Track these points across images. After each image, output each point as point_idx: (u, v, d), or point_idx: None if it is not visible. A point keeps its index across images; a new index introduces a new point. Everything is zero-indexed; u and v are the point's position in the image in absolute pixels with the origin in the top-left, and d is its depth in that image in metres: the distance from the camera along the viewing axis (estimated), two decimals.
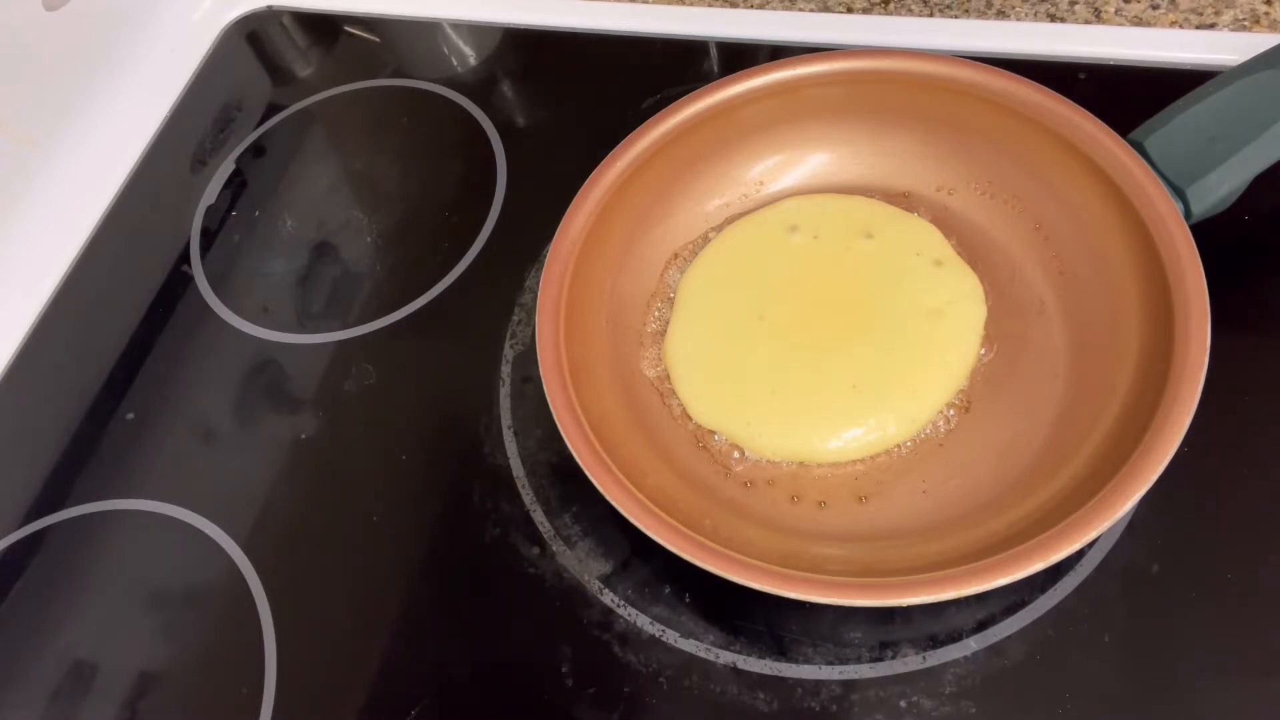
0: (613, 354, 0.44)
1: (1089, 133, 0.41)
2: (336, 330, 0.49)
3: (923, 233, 0.45)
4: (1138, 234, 0.39)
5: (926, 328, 0.42)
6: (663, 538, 0.35)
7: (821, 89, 0.46)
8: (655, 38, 0.58)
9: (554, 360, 0.39)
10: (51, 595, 0.44)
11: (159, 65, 0.62)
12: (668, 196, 0.47)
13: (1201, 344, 0.36)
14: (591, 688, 0.38)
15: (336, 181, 0.56)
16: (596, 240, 0.43)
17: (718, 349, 0.44)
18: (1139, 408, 0.36)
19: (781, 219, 0.47)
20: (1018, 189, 0.45)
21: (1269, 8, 0.51)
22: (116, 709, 0.40)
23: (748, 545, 0.36)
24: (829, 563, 0.37)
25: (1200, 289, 0.37)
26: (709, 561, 0.34)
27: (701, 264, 0.46)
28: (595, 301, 0.44)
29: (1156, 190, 0.39)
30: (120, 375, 0.50)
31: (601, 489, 0.36)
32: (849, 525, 0.40)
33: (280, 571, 0.42)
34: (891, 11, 0.56)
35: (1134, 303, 0.39)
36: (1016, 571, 0.33)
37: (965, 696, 0.36)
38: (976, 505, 0.39)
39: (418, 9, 0.62)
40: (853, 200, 0.47)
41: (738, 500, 0.41)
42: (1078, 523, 0.33)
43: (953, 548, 0.37)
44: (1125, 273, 0.40)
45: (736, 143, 0.48)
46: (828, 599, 0.33)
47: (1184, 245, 0.38)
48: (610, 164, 0.44)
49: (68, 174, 0.58)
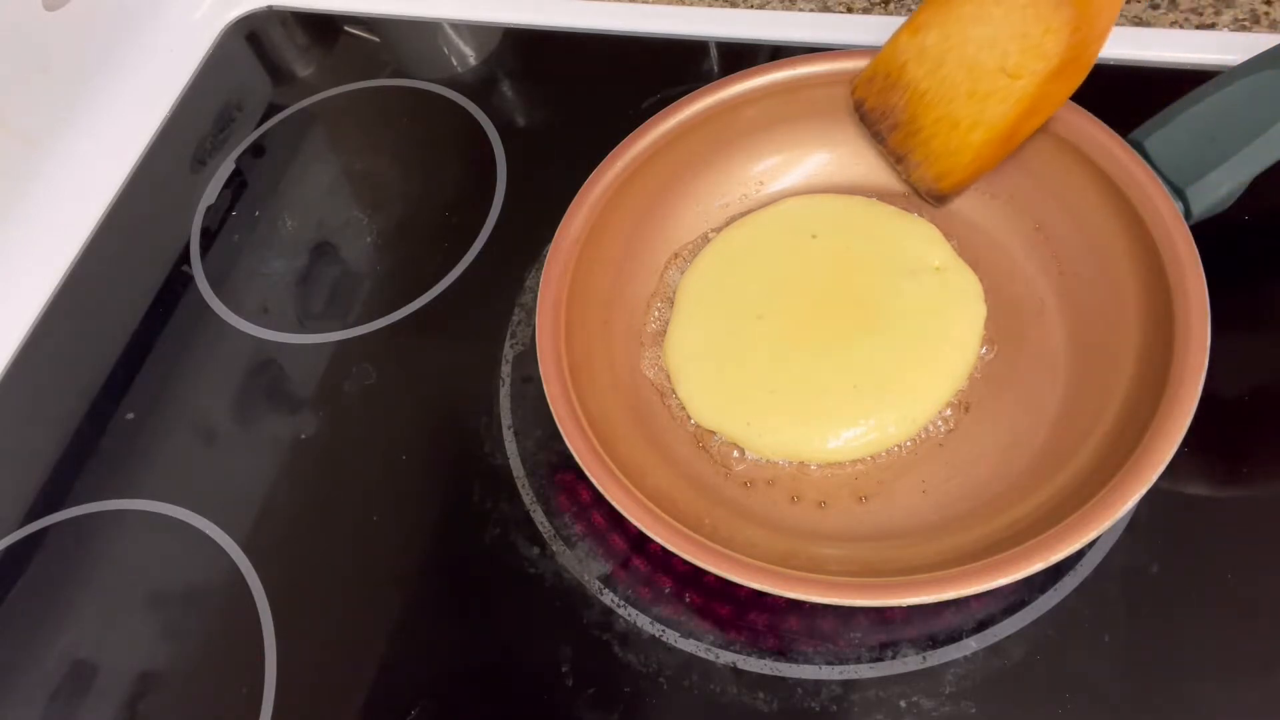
0: (612, 354, 0.44)
1: (1089, 133, 0.41)
2: (336, 330, 0.49)
3: (923, 233, 0.45)
4: (1138, 234, 0.39)
5: (926, 327, 0.42)
6: (662, 537, 0.35)
7: (822, 89, 0.46)
8: (655, 38, 0.58)
9: (554, 359, 0.40)
10: (51, 595, 0.44)
11: (159, 65, 0.62)
12: (668, 196, 0.47)
13: (1201, 344, 0.36)
14: (591, 688, 0.38)
15: (336, 181, 0.56)
16: (596, 240, 0.43)
17: (717, 349, 0.43)
18: (1139, 408, 0.36)
19: (781, 219, 0.47)
20: (1018, 189, 0.45)
21: (1269, 8, 0.51)
22: (116, 709, 0.40)
23: (748, 545, 0.36)
24: (828, 563, 0.37)
25: (1200, 289, 0.37)
26: (708, 561, 0.34)
27: (701, 264, 0.46)
28: (595, 301, 0.44)
29: (1156, 190, 0.39)
30: (120, 375, 0.50)
31: (601, 488, 0.37)
32: (849, 525, 0.40)
33: (280, 571, 0.43)
34: (891, 11, 0.56)
35: (1134, 303, 0.40)
36: (1016, 572, 0.33)
37: (965, 696, 0.36)
38: (977, 505, 0.39)
39: (418, 9, 0.62)
40: (853, 200, 0.47)
41: (738, 500, 0.41)
42: (1078, 523, 0.33)
43: (952, 547, 0.37)
44: (1125, 273, 0.40)
45: (737, 142, 0.48)
46: (827, 599, 0.33)
47: (1184, 245, 0.38)
48: (610, 164, 0.44)
49: (68, 174, 0.58)
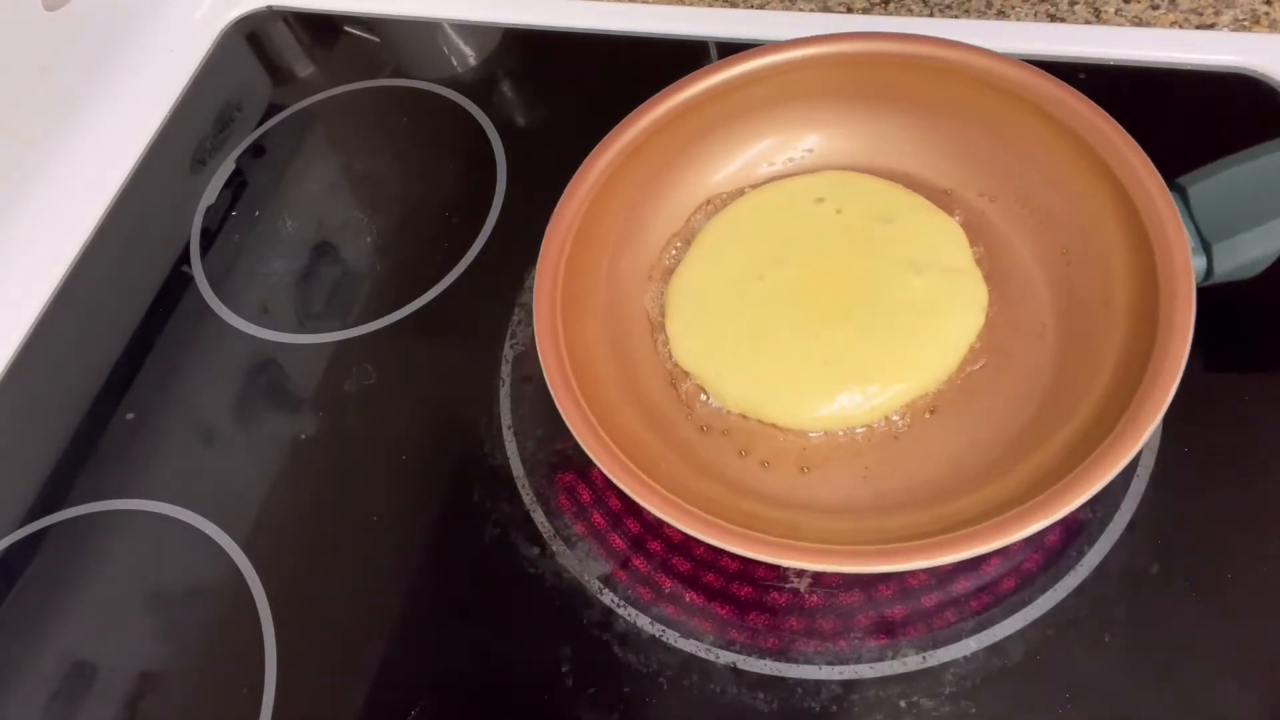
0: (614, 287, 0.46)
1: (1135, 175, 0.40)
2: (336, 330, 0.49)
3: (947, 233, 0.45)
4: (1147, 283, 0.39)
5: (916, 325, 0.43)
6: (617, 477, 0.37)
7: (891, 71, 0.47)
8: (655, 38, 0.58)
9: (549, 293, 0.41)
10: (51, 595, 0.44)
11: (159, 65, 0.62)
12: (711, 141, 0.48)
13: (1167, 386, 0.35)
14: (591, 688, 0.38)
15: (336, 181, 0.56)
16: (623, 177, 0.45)
17: (714, 296, 0.45)
18: (1097, 426, 0.36)
19: (813, 188, 0.47)
20: (1054, 211, 0.44)
21: (1269, 8, 0.51)
22: (116, 709, 0.40)
23: (695, 495, 0.37)
24: (764, 523, 0.38)
25: (1184, 341, 0.36)
26: (653, 503, 0.36)
27: (727, 214, 0.47)
28: (606, 233, 0.45)
29: (1179, 244, 0.38)
30: (120, 375, 0.50)
31: (570, 424, 0.38)
32: (786, 490, 0.41)
33: (280, 571, 0.43)
34: (891, 11, 0.56)
35: (1119, 342, 0.39)
36: (936, 556, 0.33)
37: (965, 696, 0.36)
38: (916, 497, 0.39)
39: (418, 9, 0.62)
40: (889, 186, 0.47)
41: (690, 443, 0.42)
42: (1018, 518, 0.34)
43: (876, 528, 0.38)
44: (1122, 315, 0.40)
45: (793, 104, 0.48)
46: (751, 553, 0.35)
47: (1183, 299, 0.37)
48: (653, 102, 0.46)
49: (68, 174, 0.58)
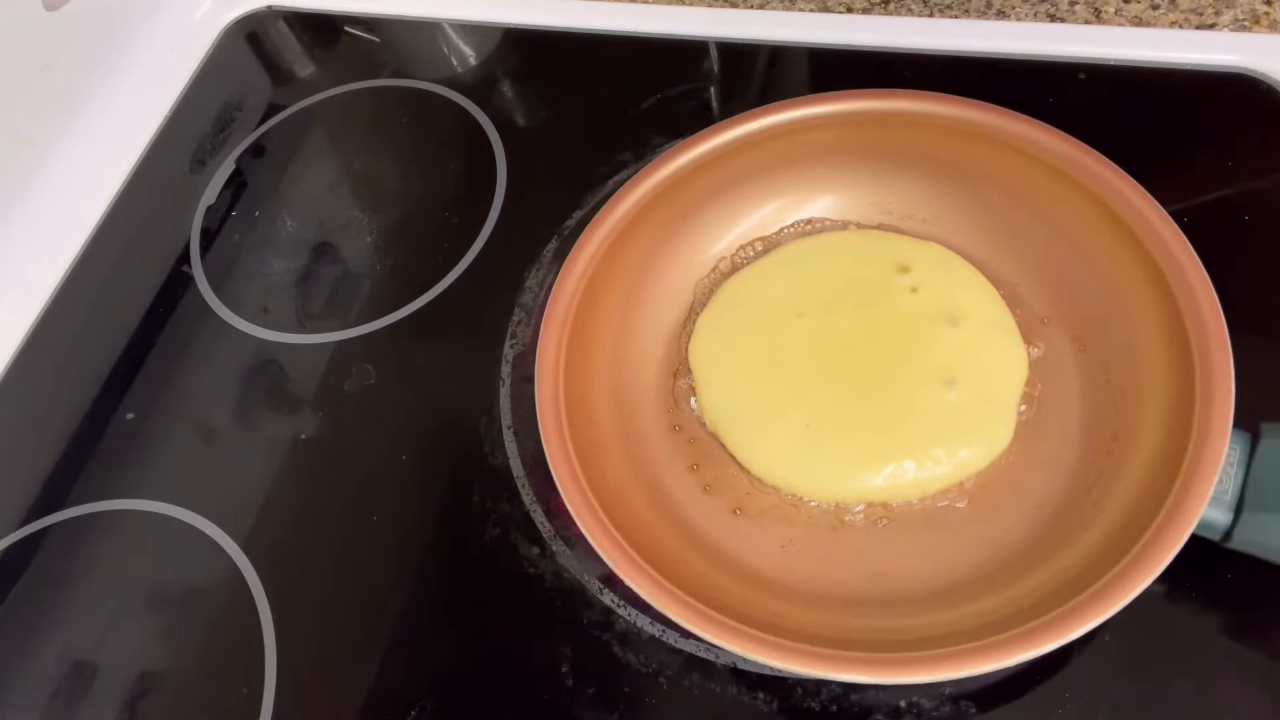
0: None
1: (1199, 311, 0.37)
2: (336, 330, 0.49)
3: (1008, 351, 0.42)
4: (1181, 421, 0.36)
5: (938, 426, 0.41)
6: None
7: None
8: (655, 38, 0.58)
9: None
10: (51, 595, 0.44)
11: (159, 65, 0.62)
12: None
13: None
14: (591, 688, 0.38)
15: (336, 181, 0.56)
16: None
17: (739, 353, 0.43)
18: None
19: (843, 244, 0.46)
20: (1108, 346, 0.42)
21: (1269, 8, 0.51)
22: (116, 709, 0.40)
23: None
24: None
25: (1226, 389, 0.35)
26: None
27: (758, 267, 0.46)
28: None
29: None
30: (120, 375, 0.50)
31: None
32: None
33: (280, 571, 0.42)
34: (891, 11, 0.56)
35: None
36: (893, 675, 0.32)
37: (965, 696, 0.36)
38: (896, 593, 0.38)
39: (418, 9, 0.62)
40: (973, 275, 0.44)
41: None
42: (991, 647, 0.32)
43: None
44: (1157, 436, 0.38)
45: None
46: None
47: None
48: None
49: (68, 174, 0.58)
